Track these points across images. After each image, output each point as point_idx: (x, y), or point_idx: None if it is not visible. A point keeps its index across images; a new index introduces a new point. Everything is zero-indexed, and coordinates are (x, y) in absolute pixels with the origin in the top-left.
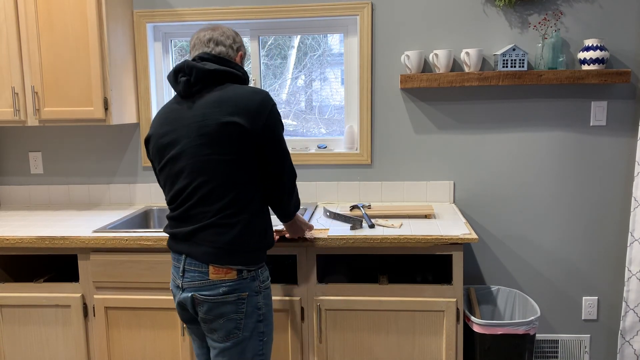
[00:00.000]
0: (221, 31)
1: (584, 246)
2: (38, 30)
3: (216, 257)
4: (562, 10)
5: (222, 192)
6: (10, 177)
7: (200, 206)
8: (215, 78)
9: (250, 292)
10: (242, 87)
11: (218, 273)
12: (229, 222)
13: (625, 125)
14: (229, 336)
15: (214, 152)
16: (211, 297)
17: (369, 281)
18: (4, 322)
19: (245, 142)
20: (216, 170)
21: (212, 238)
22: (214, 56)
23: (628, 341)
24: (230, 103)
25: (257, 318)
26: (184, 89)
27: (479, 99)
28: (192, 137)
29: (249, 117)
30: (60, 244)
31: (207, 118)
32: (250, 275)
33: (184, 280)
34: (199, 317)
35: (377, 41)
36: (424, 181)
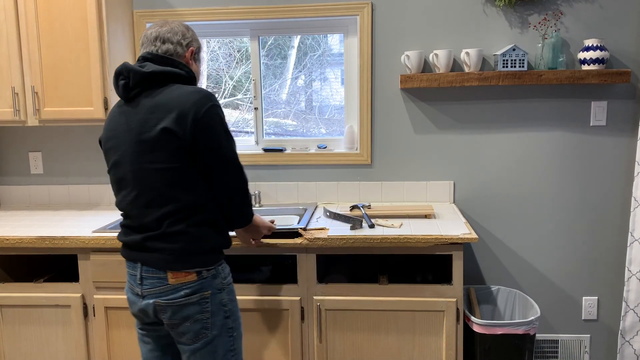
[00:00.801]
0: (169, 27)
1: (584, 246)
2: (38, 30)
3: (172, 264)
4: (562, 10)
5: (165, 201)
6: (10, 177)
7: (146, 215)
8: (154, 80)
9: (212, 290)
10: (180, 88)
11: (177, 277)
12: (178, 230)
13: (625, 125)
14: (198, 337)
15: (151, 160)
16: (174, 300)
17: (369, 281)
18: (4, 322)
19: (180, 148)
20: (155, 178)
21: (164, 246)
22: (157, 56)
23: (628, 341)
24: (164, 108)
25: (224, 315)
26: (122, 93)
27: (479, 99)
28: (130, 144)
29: (180, 120)
30: (60, 244)
31: (142, 125)
32: (211, 274)
33: (144, 288)
34: (164, 323)
35: (377, 41)
36: (424, 181)
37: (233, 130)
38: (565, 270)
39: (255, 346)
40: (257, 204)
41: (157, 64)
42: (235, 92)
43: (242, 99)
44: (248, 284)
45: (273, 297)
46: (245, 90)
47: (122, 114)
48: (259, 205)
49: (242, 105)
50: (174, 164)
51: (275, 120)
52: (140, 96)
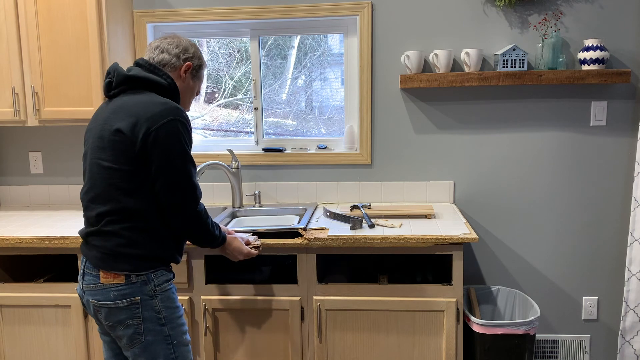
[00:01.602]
0: (172, 40)
1: (584, 246)
2: (38, 30)
3: (103, 262)
4: (562, 10)
5: (105, 199)
6: (10, 177)
7: (90, 210)
8: (134, 83)
9: (142, 296)
10: (153, 97)
11: (107, 277)
12: (112, 230)
13: (625, 125)
14: (132, 342)
15: (103, 157)
16: (104, 302)
17: (369, 281)
18: (4, 322)
19: (129, 152)
20: (102, 176)
21: (99, 243)
22: (148, 63)
23: (628, 341)
24: (126, 111)
25: (159, 322)
26: (104, 90)
27: (479, 99)
28: (95, 139)
29: (135, 126)
30: (60, 244)
31: (104, 122)
32: (140, 280)
33: (83, 283)
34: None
35: (377, 41)
36: (424, 181)
37: (232, 131)
38: (565, 270)
39: (255, 346)
40: (257, 204)
41: (145, 70)
42: (235, 92)
43: (242, 99)
44: (248, 284)
45: (273, 297)
46: (245, 90)
47: (100, 110)
48: (259, 205)
49: (242, 105)
50: (122, 166)
51: (275, 120)
52: (120, 96)
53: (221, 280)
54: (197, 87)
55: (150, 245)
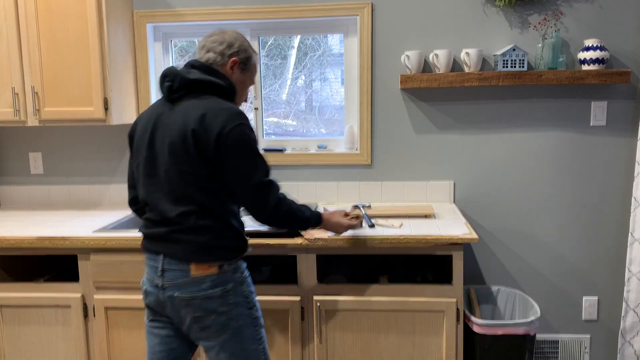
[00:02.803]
0: (216, 37)
1: (584, 246)
2: (38, 30)
3: (196, 255)
4: (562, 10)
5: (188, 200)
6: (10, 177)
7: (173, 211)
8: (196, 87)
9: (234, 283)
10: (217, 102)
11: (199, 269)
12: (203, 224)
13: (625, 125)
14: (224, 329)
15: (181, 161)
16: (197, 293)
17: (369, 281)
18: (4, 322)
19: (202, 156)
20: (181, 179)
21: (191, 238)
22: (202, 64)
23: (628, 341)
24: (197, 116)
25: (247, 306)
26: (166, 94)
27: (479, 99)
28: (164, 144)
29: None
30: (60, 244)
31: (178, 128)
32: (232, 268)
33: (165, 279)
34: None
35: (377, 41)
36: (424, 181)
37: None
38: (565, 270)
39: None
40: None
41: (202, 71)
42: None
43: None
44: None
45: (273, 297)
46: None
47: (163, 114)
48: None
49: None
50: (199, 169)
51: (275, 121)
52: (182, 100)
53: None
54: (248, 78)
55: (235, 237)
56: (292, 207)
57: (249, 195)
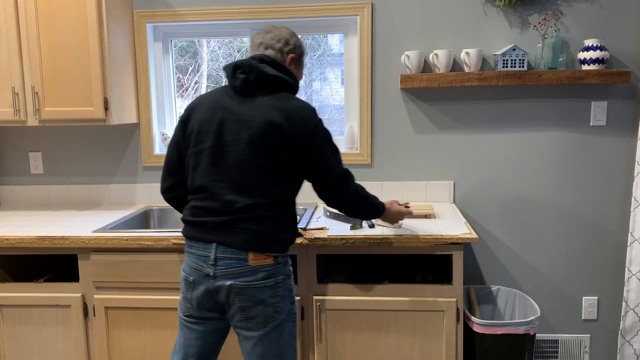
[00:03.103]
0: (273, 34)
1: (584, 246)
2: (38, 30)
3: (257, 245)
4: (562, 10)
5: (259, 192)
6: (10, 177)
7: (240, 203)
8: (271, 83)
9: (284, 276)
10: (293, 98)
11: (257, 259)
12: (268, 215)
13: (625, 125)
14: (268, 321)
15: (257, 153)
16: (252, 282)
17: (369, 281)
18: (4, 322)
19: (285, 149)
20: (258, 170)
21: (253, 227)
22: (273, 60)
23: (628, 341)
24: (279, 112)
25: (290, 300)
26: (241, 86)
27: (479, 99)
28: (238, 134)
29: (293, 126)
30: (60, 244)
31: (257, 120)
32: (284, 260)
33: (217, 268)
34: (234, 306)
35: (377, 41)
36: (424, 181)
37: None
38: (565, 270)
39: None
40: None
41: (275, 67)
42: None
43: None
44: None
45: None
46: None
47: (232, 105)
48: None
49: None
50: (277, 162)
51: None
52: (255, 94)
53: None
54: (300, 73)
55: (291, 230)
56: (367, 194)
57: (333, 184)
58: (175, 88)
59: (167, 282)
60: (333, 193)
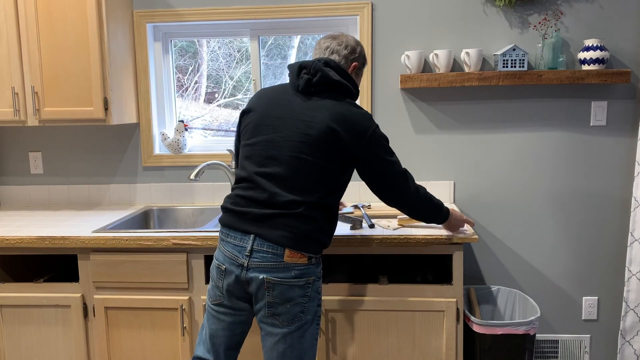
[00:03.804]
0: (341, 40)
1: (584, 246)
2: (38, 30)
3: (294, 242)
4: (562, 10)
5: (305, 190)
6: (10, 177)
7: (285, 197)
8: (333, 87)
9: (315, 277)
10: (353, 105)
11: (293, 257)
12: (311, 215)
13: (625, 125)
14: (293, 320)
15: (312, 153)
16: (284, 279)
17: (369, 281)
18: (4, 322)
19: (342, 153)
20: (310, 169)
21: (294, 224)
22: (338, 66)
23: (628, 341)
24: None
25: (318, 302)
26: (303, 86)
27: (479, 99)
28: (296, 132)
29: (352, 133)
30: (60, 244)
31: (317, 121)
32: (317, 262)
33: (252, 260)
34: (262, 300)
35: (377, 41)
36: (424, 181)
37: (232, 131)
38: (565, 270)
39: (255, 346)
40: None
41: (338, 73)
42: (235, 92)
43: (242, 99)
44: None
45: None
46: (245, 90)
47: (295, 103)
48: None
49: (242, 105)
50: (327, 163)
51: None
52: (317, 95)
53: None
54: (359, 82)
55: (328, 234)
56: (429, 194)
57: (394, 184)
58: (175, 88)
59: (167, 282)
60: (394, 193)
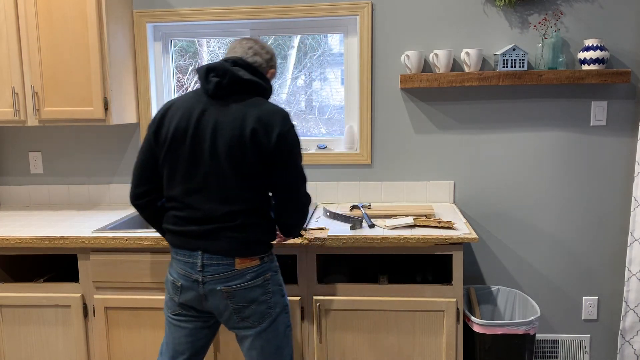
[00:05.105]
0: (262, 45)
1: (583, 246)
2: (38, 30)
3: (242, 250)
4: (562, 10)
5: (238, 201)
6: (10, 177)
7: (219, 211)
8: (245, 87)
9: (272, 273)
10: (266, 103)
11: (243, 262)
12: (250, 222)
13: (625, 125)
14: (263, 317)
15: (233, 160)
16: (242, 285)
17: (369, 281)
18: (4, 322)
19: (260, 158)
20: (233, 180)
21: (235, 235)
22: (248, 64)
23: (628, 341)
24: (253, 118)
25: (281, 293)
26: (213, 89)
27: (479, 99)
28: (212, 143)
29: (266, 134)
30: (60, 244)
31: (230, 128)
32: (269, 259)
33: (205, 274)
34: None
35: (377, 41)
36: (424, 181)
37: None
38: (565, 270)
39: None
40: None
41: (250, 72)
42: None
43: None
44: None
45: None
46: None
47: (208, 110)
48: None
49: None
50: (253, 169)
51: None
52: (229, 98)
53: None
54: None
55: (272, 231)
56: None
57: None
58: (175, 88)
59: None
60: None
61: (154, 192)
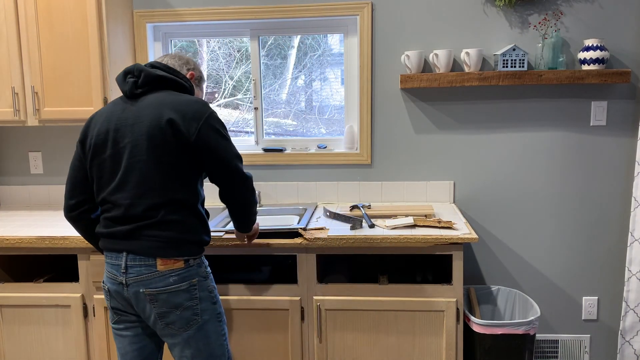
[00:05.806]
0: (174, 55)
1: (584, 246)
2: (38, 30)
3: (163, 250)
4: (562, 10)
5: (160, 192)
6: (10, 177)
7: (139, 205)
8: (160, 83)
9: (199, 278)
10: (183, 95)
11: (166, 264)
12: (171, 219)
13: (625, 125)
14: (189, 324)
15: (152, 151)
16: (164, 288)
17: (369, 281)
18: (4, 322)
19: (181, 146)
20: (154, 171)
21: (157, 233)
22: (165, 65)
23: (628, 341)
24: (169, 107)
25: (212, 300)
26: (130, 90)
27: (479, 99)
28: (131, 138)
29: (185, 122)
30: (60, 244)
31: (147, 120)
32: (196, 263)
33: (128, 276)
34: (152, 315)
35: (377, 41)
36: (424, 181)
37: (232, 130)
38: (565, 270)
39: (255, 346)
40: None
41: (165, 71)
42: (235, 92)
43: (242, 99)
44: (248, 284)
45: (273, 297)
46: (245, 90)
47: (124, 111)
48: (259, 205)
49: (242, 105)
50: (174, 158)
51: (275, 120)
52: (145, 95)
53: (221, 281)
54: (201, 97)
55: (200, 231)
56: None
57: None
58: None
59: None
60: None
61: (86, 203)
